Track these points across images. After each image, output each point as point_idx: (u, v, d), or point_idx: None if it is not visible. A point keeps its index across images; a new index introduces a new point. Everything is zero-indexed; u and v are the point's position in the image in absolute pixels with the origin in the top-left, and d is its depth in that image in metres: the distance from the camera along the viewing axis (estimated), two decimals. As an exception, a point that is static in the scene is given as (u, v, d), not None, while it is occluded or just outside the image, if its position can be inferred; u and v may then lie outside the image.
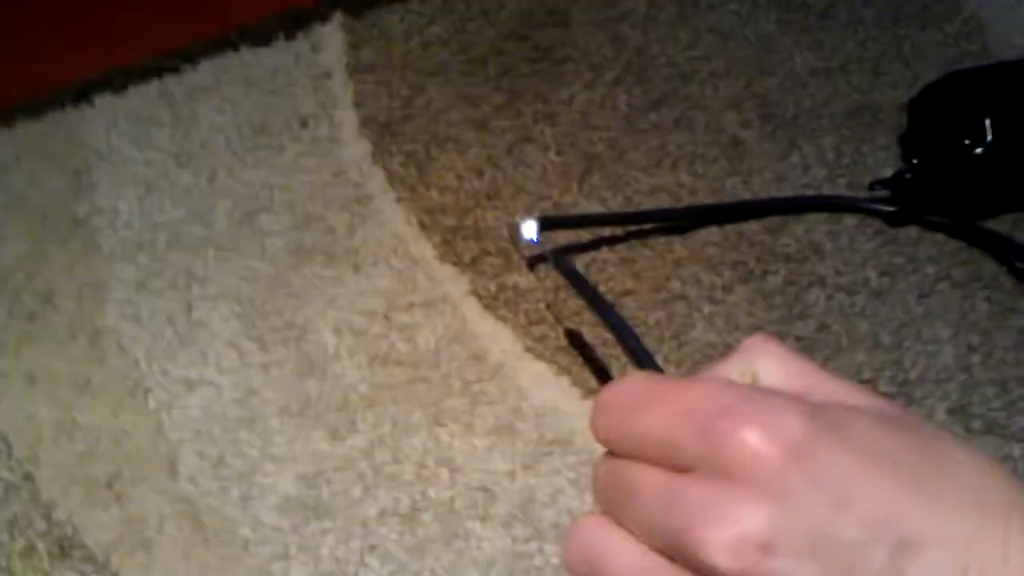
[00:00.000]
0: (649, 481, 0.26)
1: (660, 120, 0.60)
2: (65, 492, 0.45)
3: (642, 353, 0.40)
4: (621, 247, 0.54)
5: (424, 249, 0.54)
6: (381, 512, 0.44)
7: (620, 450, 0.27)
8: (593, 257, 0.54)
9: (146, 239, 0.54)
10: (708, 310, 0.52)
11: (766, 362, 0.28)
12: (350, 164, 0.58)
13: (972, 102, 0.54)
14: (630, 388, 0.28)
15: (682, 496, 0.25)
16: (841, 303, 0.52)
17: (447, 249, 0.54)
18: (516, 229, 0.50)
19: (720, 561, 0.23)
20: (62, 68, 0.63)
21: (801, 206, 0.55)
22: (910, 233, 0.55)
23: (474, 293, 0.52)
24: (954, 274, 0.53)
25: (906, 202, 0.54)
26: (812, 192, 0.56)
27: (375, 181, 0.57)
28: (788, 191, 0.57)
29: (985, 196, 0.54)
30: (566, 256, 0.50)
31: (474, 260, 0.54)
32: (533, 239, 0.49)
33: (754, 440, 0.24)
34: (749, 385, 0.27)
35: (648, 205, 0.56)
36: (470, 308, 0.52)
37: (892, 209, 0.54)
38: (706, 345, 0.51)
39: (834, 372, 0.28)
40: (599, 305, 0.43)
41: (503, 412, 0.48)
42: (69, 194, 0.56)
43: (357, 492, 0.45)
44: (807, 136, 0.59)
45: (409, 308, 0.52)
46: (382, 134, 0.59)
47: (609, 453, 0.28)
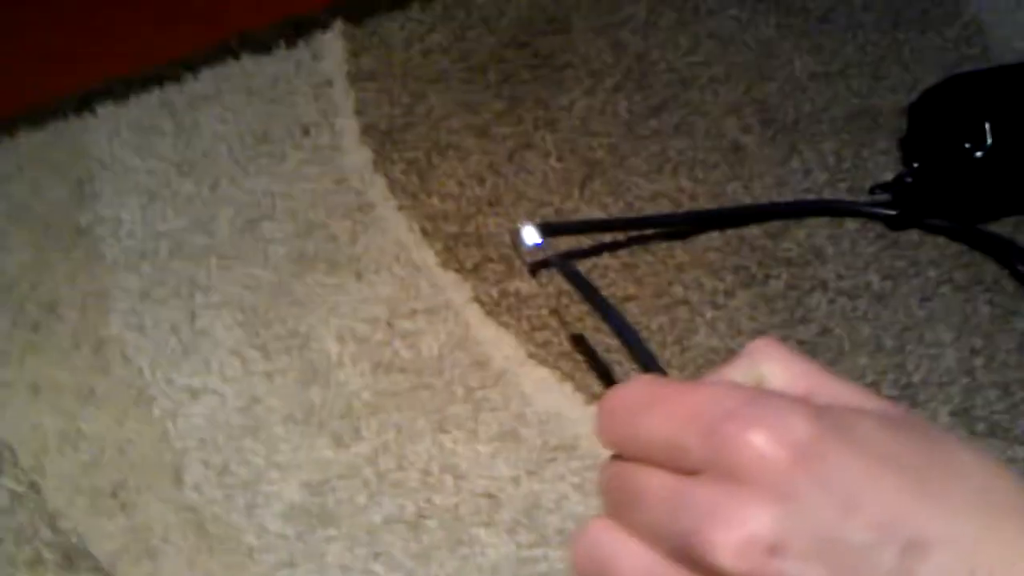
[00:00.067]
0: (655, 484, 0.26)
1: (660, 126, 0.60)
2: (70, 501, 0.45)
3: (647, 357, 0.40)
4: (622, 253, 0.54)
5: (426, 256, 0.54)
6: (386, 519, 0.44)
7: (626, 453, 0.28)
8: (594, 263, 0.54)
9: (149, 248, 0.54)
10: (710, 315, 0.52)
11: (771, 365, 0.28)
12: (352, 172, 0.58)
13: (972, 106, 0.54)
14: (635, 391, 0.28)
15: (688, 499, 0.25)
16: (843, 307, 0.52)
17: (449, 256, 0.54)
18: (518, 235, 0.50)
19: (727, 563, 0.23)
20: (64, 77, 0.63)
21: (802, 210, 0.56)
22: (911, 237, 0.55)
23: (476, 300, 0.52)
24: (956, 277, 0.53)
25: (907, 206, 0.54)
26: (813, 197, 0.56)
27: (377, 189, 0.57)
28: (789, 196, 0.57)
29: (986, 199, 0.54)
30: (570, 261, 0.50)
31: (476, 267, 0.54)
32: (537, 243, 0.49)
33: (760, 443, 0.24)
34: (755, 388, 0.27)
35: (649, 211, 0.56)
36: (473, 315, 0.52)
37: (893, 213, 0.54)
38: (708, 350, 0.51)
39: (839, 374, 0.28)
40: (604, 309, 0.43)
41: (507, 418, 0.48)
42: (72, 203, 0.56)
43: (362, 499, 0.45)
44: (807, 141, 0.59)
45: (412, 315, 0.52)
46: (383, 142, 0.60)
47: (615, 456, 0.28)
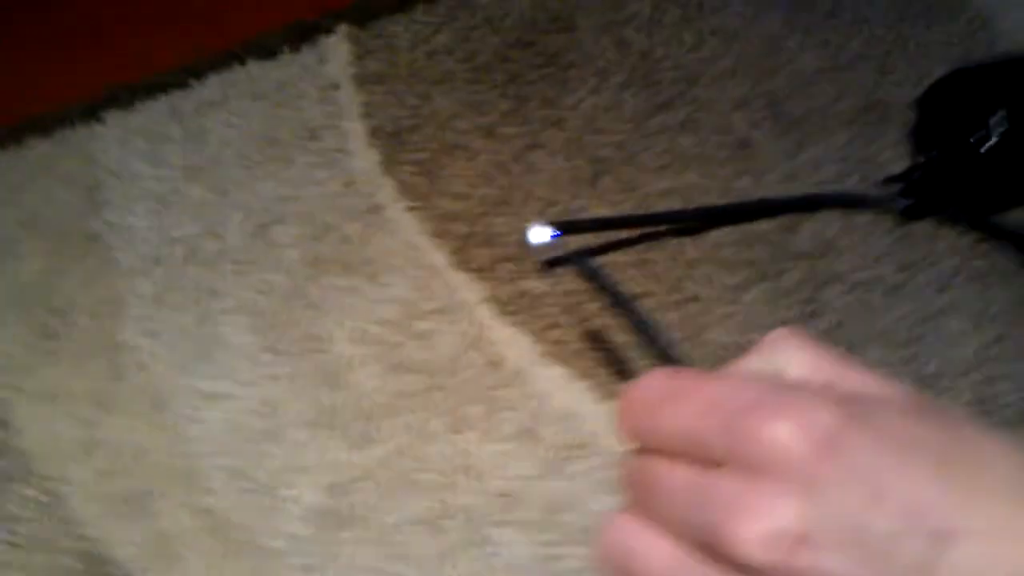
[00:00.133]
0: (678, 476, 0.26)
1: (668, 122, 0.60)
2: (90, 509, 0.45)
3: (667, 350, 0.40)
4: (634, 250, 0.54)
5: (438, 257, 0.54)
6: (405, 520, 0.44)
7: (647, 446, 0.27)
8: (606, 260, 0.54)
9: (161, 254, 0.54)
10: (723, 310, 0.52)
11: (791, 355, 0.28)
12: (360, 175, 0.58)
13: (980, 97, 0.54)
14: (655, 384, 0.28)
15: (713, 491, 0.25)
16: (858, 299, 0.52)
17: (461, 256, 0.54)
18: (529, 234, 0.50)
19: (754, 555, 0.23)
20: (71, 86, 0.63)
21: (814, 204, 0.55)
22: (925, 228, 0.55)
23: (489, 300, 0.52)
24: (971, 268, 0.53)
25: (919, 197, 0.54)
26: (824, 190, 0.56)
27: (386, 191, 0.57)
28: (799, 190, 0.57)
29: (998, 189, 0.54)
30: (585, 257, 0.50)
31: (488, 267, 0.54)
32: (555, 235, 0.49)
33: (785, 434, 0.24)
34: (776, 378, 0.27)
35: (659, 207, 0.56)
36: (486, 315, 0.52)
37: (907, 204, 0.54)
38: (722, 346, 0.51)
39: (859, 362, 0.27)
40: (623, 304, 0.43)
41: (522, 417, 0.48)
42: (83, 211, 0.56)
43: (380, 501, 0.45)
44: (817, 134, 0.59)
45: (425, 316, 0.52)
46: (391, 144, 0.60)
47: (636, 449, 0.28)
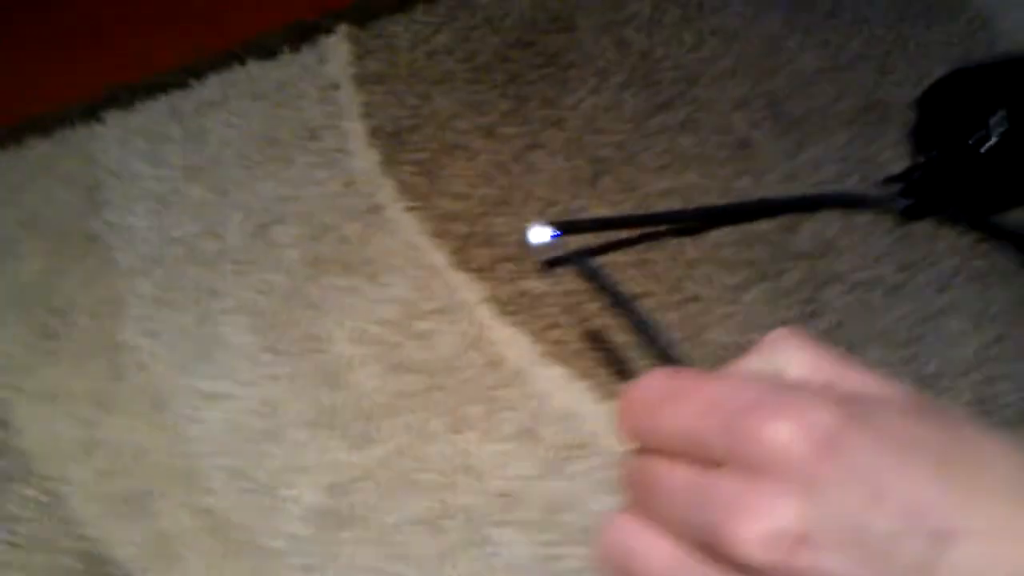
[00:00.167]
0: (678, 476, 0.26)
1: (668, 122, 0.60)
2: (90, 509, 0.45)
3: (668, 350, 0.40)
4: (634, 250, 0.54)
5: (438, 257, 0.54)
6: (405, 520, 0.44)
7: (647, 446, 0.27)
8: (606, 261, 0.54)
9: (161, 254, 0.54)
10: (724, 310, 0.52)
11: (791, 355, 0.28)
12: (360, 175, 0.58)
13: (980, 97, 0.54)
14: (655, 384, 0.28)
15: (713, 491, 0.25)
16: (858, 299, 0.52)
17: (461, 256, 0.54)
18: (529, 234, 0.50)
19: (753, 555, 0.23)
20: (71, 86, 0.63)
21: (814, 204, 0.55)
22: (925, 228, 0.55)
23: (489, 300, 0.52)
24: (971, 268, 0.53)
25: (919, 197, 0.54)
26: (824, 190, 0.56)
27: (386, 191, 0.57)
28: (799, 190, 0.57)
29: (998, 189, 0.54)
30: (585, 257, 0.50)
31: (488, 267, 0.54)
32: (551, 236, 0.49)
33: (785, 434, 0.24)
34: (776, 378, 0.27)
35: (659, 207, 0.56)
36: (486, 315, 0.52)
37: (907, 204, 0.54)
38: (722, 346, 0.51)
39: (859, 362, 0.27)
40: (624, 304, 0.43)
41: (522, 417, 0.48)
42: (83, 211, 0.56)
43: (380, 501, 0.45)
44: (816, 134, 0.59)
45: (425, 316, 0.52)
46: (391, 144, 0.60)
47: (636, 449, 0.28)
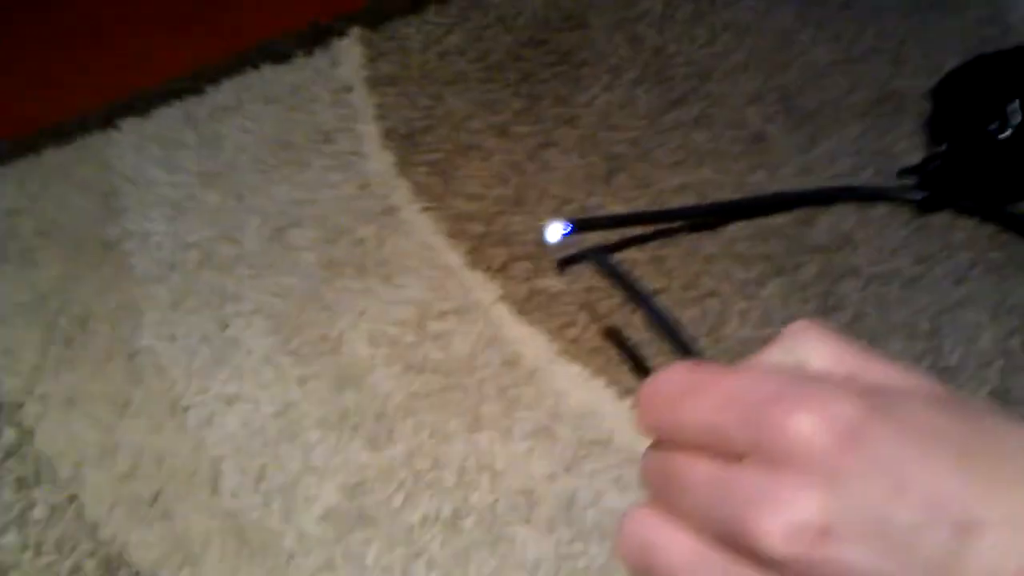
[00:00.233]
0: (699, 470, 0.26)
1: (682, 118, 0.60)
2: (110, 511, 0.45)
3: (689, 344, 0.40)
4: (650, 246, 0.54)
5: (453, 257, 0.54)
6: (424, 519, 0.44)
7: (667, 440, 0.27)
8: (622, 257, 0.54)
9: (178, 259, 0.54)
10: (741, 306, 0.52)
11: (812, 346, 0.27)
12: (375, 177, 0.58)
13: (996, 86, 0.53)
14: (675, 377, 0.27)
15: (734, 484, 0.25)
16: (875, 292, 0.51)
17: (476, 256, 0.54)
18: (545, 232, 0.50)
19: (776, 548, 0.23)
20: (84, 94, 0.64)
21: (830, 197, 0.55)
22: (942, 220, 0.54)
23: (505, 299, 0.52)
24: (989, 259, 0.52)
25: (935, 189, 0.54)
26: (839, 183, 0.56)
27: (400, 192, 0.58)
28: (814, 183, 0.56)
29: (1015, 179, 0.54)
30: (603, 253, 0.50)
31: (504, 266, 0.54)
32: (567, 234, 0.49)
33: (807, 426, 0.24)
34: (798, 370, 0.27)
35: (675, 203, 0.56)
36: (502, 314, 0.52)
37: (923, 196, 0.54)
38: (740, 341, 0.50)
39: (880, 353, 0.27)
40: (643, 299, 0.43)
41: (540, 416, 0.48)
42: (99, 218, 0.57)
43: (399, 500, 0.45)
44: (831, 127, 0.59)
45: (441, 316, 0.52)
46: (405, 145, 0.60)
47: (656, 444, 0.28)
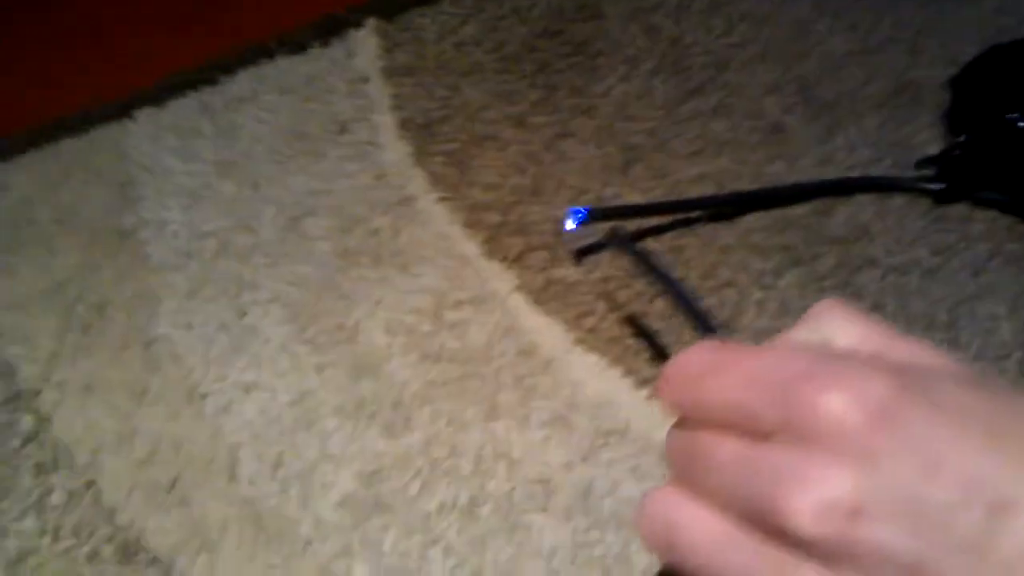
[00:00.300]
0: (726, 448, 0.25)
1: (699, 108, 0.60)
2: (127, 498, 0.45)
3: (713, 326, 0.40)
4: (667, 236, 0.54)
5: (470, 247, 0.54)
6: (440, 507, 0.44)
7: (691, 418, 0.27)
8: (639, 247, 0.54)
9: (194, 248, 0.54)
10: (758, 296, 0.51)
11: (838, 325, 0.27)
12: (391, 167, 0.58)
13: (1016, 76, 0.53)
14: (700, 355, 0.27)
15: (763, 462, 0.24)
16: (894, 284, 0.51)
17: (493, 246, 0.54)
18: (563, 222, 0.50)
19: (806, 528, 0.23)
20: (102, 84, 0.64)
21: (847, 188, 0.55)
22: (960, 211, 0.54)
23: (522, 288, 0.52)
24: (1007, 250, 0.52)
25: (954, 179, 0.54)
26: (857, 173, 0.56)
27: (417, 182, 0.57)
28: (832, 174, 0.56)
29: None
30: (624, 235, 0.49)
31: (520, 255, 0.54)
32: (584, 223, 0.49)
33: (838, 404, 0.23)
34: (824, 348, 0.27)
35: (692, 193, 0.56)
36: (519, 303, 0.52)
37: (941, 187, 0.54)
38: (758, 332, 0.50)
39: (907, 334, 0.27)
40: (666, 280, 0.43)
41: (557, 405, 0.48)
42: (116, 207, 0.57)
43: (416, 488, 0.45)
44: (849, 118, 0.58)
45: (458, 306, 0.51)
46: (421, 135, 0.60)
47: (680, 422, 0.28)
